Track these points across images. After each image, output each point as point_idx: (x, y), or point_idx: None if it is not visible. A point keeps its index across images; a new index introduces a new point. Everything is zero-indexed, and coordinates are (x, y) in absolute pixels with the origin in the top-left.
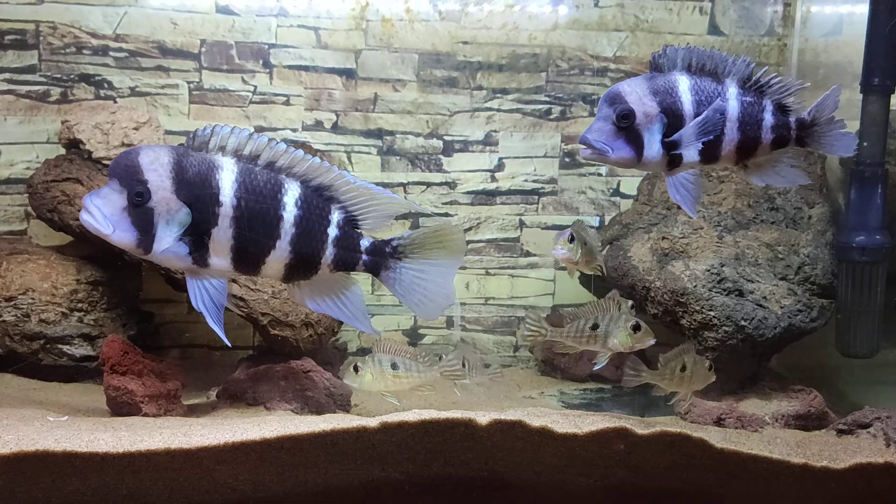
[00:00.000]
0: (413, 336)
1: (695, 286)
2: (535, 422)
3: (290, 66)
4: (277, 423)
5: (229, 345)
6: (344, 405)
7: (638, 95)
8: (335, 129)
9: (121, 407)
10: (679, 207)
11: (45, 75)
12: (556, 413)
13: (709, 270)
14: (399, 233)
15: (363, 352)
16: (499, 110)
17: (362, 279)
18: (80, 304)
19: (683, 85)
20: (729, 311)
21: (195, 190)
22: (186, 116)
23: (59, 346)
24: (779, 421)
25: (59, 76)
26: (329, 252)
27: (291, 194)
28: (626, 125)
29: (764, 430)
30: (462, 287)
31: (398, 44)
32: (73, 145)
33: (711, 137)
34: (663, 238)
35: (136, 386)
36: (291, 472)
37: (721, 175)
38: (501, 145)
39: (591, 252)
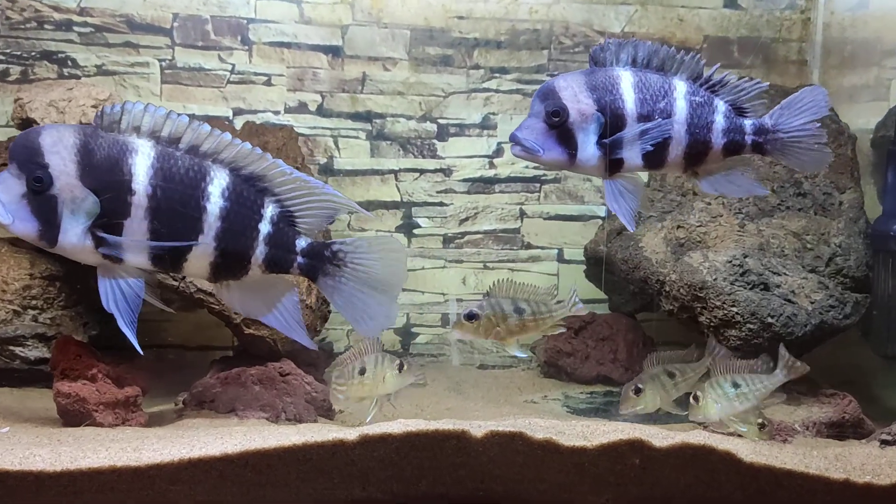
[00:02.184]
0: (406, 335)
1: (715, 279)
2: (538, 433)
3: (270, 43)
4: (242, 436)
5: (141, 352)
6: (326, 412)
7: (573, 91)
8: (320, 111)
9: (72, 417)
10: (695, 192)
11: (3, 52)
12: (561, 422)
13: (730, 262)
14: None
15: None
16: (497, 91)
17: None
18: (34, 302)
19: (626, 81)
20: (754, 307)
21: (104, 176)
22: (158, 97)
23: (11, 347)
24: (810, 429)
25: (18, 53)
26: (260, 251)
27: (217, 183)
28: (558, 123)
29: (794, 440)
30: (458, 282)
31: (388, 19)
32: (27, 125)
33: (654, 144)
34: (678, 226)
35: (89, 393)
36: (258, 493)
37: None
38: (500, 129)
39: (533, 315)
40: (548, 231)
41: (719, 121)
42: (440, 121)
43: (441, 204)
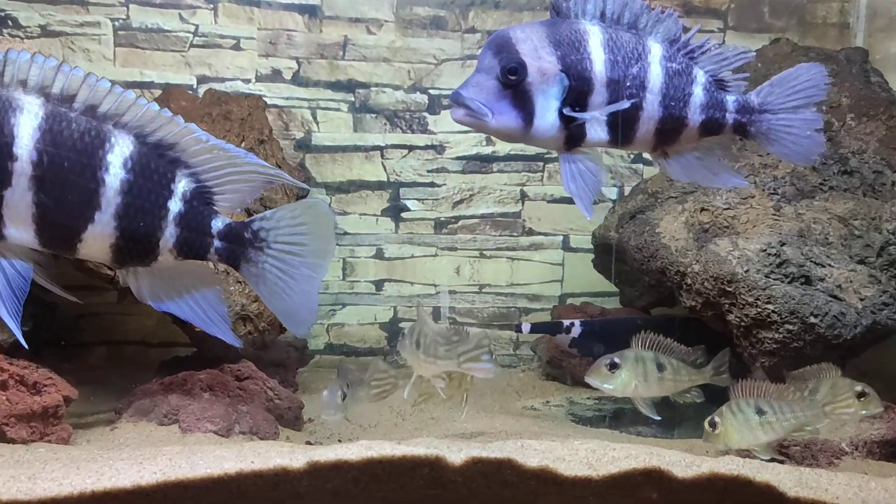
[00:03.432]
0: (392, 332)
1: (746, 270)
2: (532, 459)
3: (238, 1)
4: (166, 462)
5: (25, 346)
6: (292, 423)
7: (533, 45)
8: (296, 79)
9: None
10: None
11: None
12: (559, 444)
13: (765, 250)
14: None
15: (331, 349)
16: None
17: (331, 262)
18: None
19: (595, 38)
20: (794, 304)
21: None
22: (112, 62)
23: None
24: (860, 449)
25: None
26: (170, 233)
27: (119, 151)
28: (515, 82)
29: (842, 463)
30: (452, 272)
31: None
32: None
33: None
34: (702, 209)
35: None
36: None
37: None
38: None
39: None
40: (552, 215)
41: (698, 94)
42: (431, 91)
43: (432, 184)
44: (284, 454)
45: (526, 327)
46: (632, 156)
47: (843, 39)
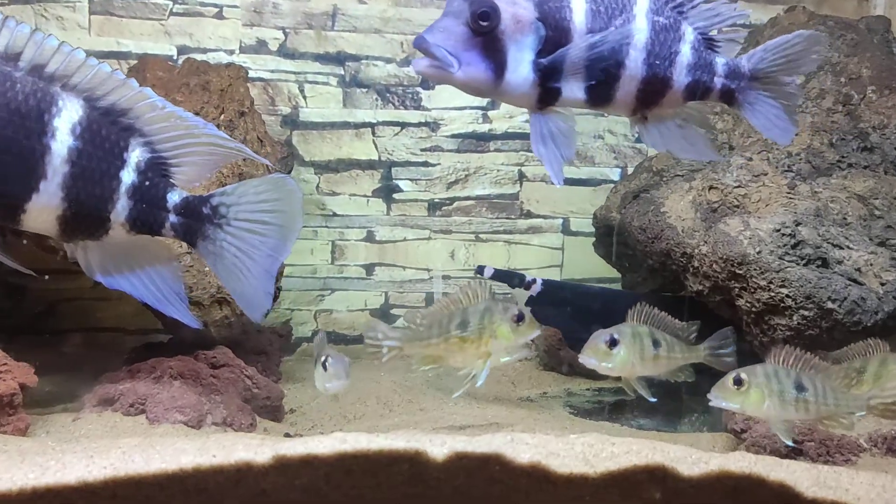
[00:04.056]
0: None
1: (759, 252)
2: (523, 454)
3: None
4: (119, 455)
5: None
6: (272, 413)
7: None
8: (282, 51)
9: None
10: (732, 147)
11: None
12: (553, 438)
13: (778, 231)
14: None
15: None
16: None
17: (319, 245)
18: None
19: None
20: (810, 289)
21: None
22: (87, 31)
23: None
24: (879, 445)
25: None
26: (122, 205)
27: (67, 116)
28: (486, 29)
29: (859, 460)
30: (446, 256)
31: None
32: None
33: (605, 70)
34: (711, 187)
35: None
36: None
37: None
38: None
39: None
40: (551, 197)
41: (685, 53)
42: None
43: (426, 164)
44: (251, 447)
45: (489, 271)
46: (635, 135)
47: (861, 9)
